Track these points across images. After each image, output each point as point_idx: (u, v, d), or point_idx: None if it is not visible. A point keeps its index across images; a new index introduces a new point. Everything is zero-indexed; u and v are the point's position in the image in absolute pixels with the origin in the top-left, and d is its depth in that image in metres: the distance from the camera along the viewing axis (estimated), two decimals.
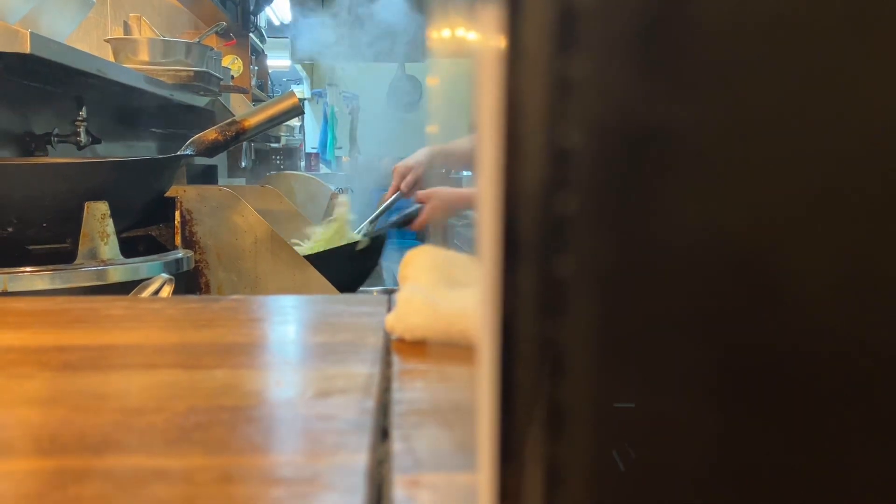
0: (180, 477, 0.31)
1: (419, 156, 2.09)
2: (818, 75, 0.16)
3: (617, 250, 0.16)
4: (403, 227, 2.07)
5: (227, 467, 0.33)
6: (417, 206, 2.04)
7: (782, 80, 0.16)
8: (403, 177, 2.04)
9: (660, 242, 0.17)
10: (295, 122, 4.58)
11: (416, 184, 2.04)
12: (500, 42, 0.17)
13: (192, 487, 0.30)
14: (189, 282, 1.53)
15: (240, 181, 3.36)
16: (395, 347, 0.52)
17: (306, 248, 1.91)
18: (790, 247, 0.17)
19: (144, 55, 2.13)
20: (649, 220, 0.16)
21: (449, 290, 0.55)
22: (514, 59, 0.17)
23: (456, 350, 0.51)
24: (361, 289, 1.96)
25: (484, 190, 0.17)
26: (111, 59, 2.09)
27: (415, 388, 0.44)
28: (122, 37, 2.33)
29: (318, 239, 1.96)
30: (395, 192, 2.05)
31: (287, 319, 0.68)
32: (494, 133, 0.16)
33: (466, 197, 2.04)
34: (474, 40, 0.21)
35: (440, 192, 2.03)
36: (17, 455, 0.34)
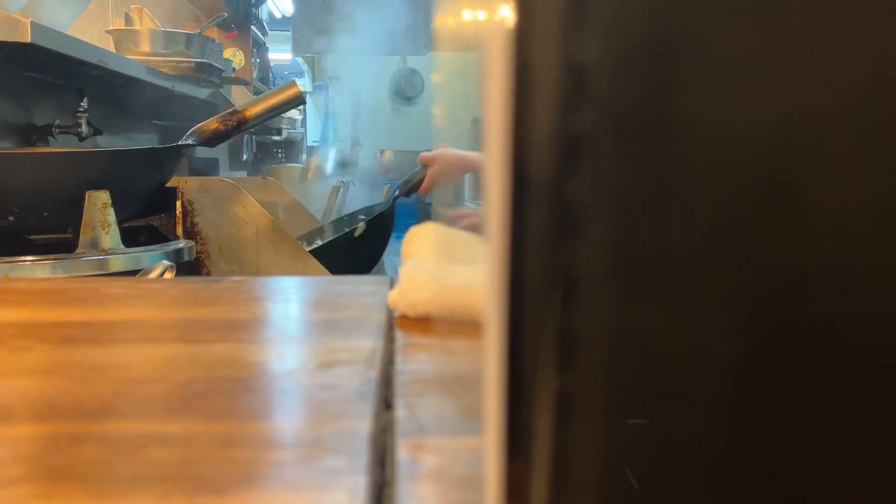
0: (179, 441, 0.31)
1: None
2: None
3: (635, 168, 0.16)
4: (411, 193, 2.02)
5: (228, 433, 0.32)
6: (421, 168, 1.98)
7: None
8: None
9: (679, 158, 0.16)
10: (296, 114, 4.57)
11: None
12: None
13: (191, 451, 0.30)
14: (190, 272, 1.52)
15: (241, 174, 3.36)
16: (399, 323, 0.52)
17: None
18: (814, 161, 0.16)
19: (146, 46, 2.12)
20: (667, 136, 0.16)
21: (452, 266, 0.55)
22: None
23: (459, 325, 0.50)
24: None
25: (493, 116, 0.17)
26: (113, 49, 2.08)
27: (418, 361, 0.44)
28: (124, 28, 2.33)
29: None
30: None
31: (290, 298, 0.67)
32: (504, 50, 0.16)
33: (472, 158, 1.98)
34: None
35: (444, 153, 1.95)
36: (15, 421, 0.34)
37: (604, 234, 0.16)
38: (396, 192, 1.99)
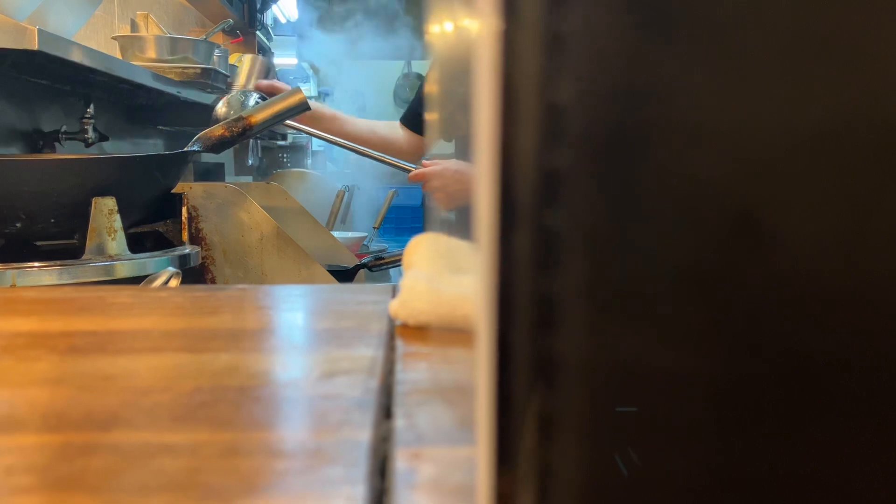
0: (186, 451, 0.32)
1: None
2: (805, 30, 0.17)
3: (609, 201, 0.17)
4: None
5: (233, 442, 0.33)
6: None
7: (770, 35, 0.17)
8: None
9: (650, 192, 0.17)
10: None
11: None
12: (495, 9, 0.18)
13: (197, 460, 0.31)
14: (195, 278, 1.53)
15: (247, 179, 3.37)
16: (399, 332, 0.53)
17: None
18: (780, 198, 0.17)
19: (151, 52, 2.13)
20: (640, 175, 0.17)
21: (452, 276, 0.56)
22: (509, 21, 0.17)
23: (459, 334, 0.51)
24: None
25: (481, 151, 0.18)
26: (118, 56, 2.10)
27: (418, 370, 0.45)
28: (130, 34, 2.34)
29: None
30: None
31: (293, 307, 0.68)
32: (491, 93, 0.17)
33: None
34: (473, 15, 0.21)
35: (443, 171, 1.86)
36: (25, 430, 0.35)
37: (580, 262, 0.17)
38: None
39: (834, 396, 0.18)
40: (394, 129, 2.29)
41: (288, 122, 2.05)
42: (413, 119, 2.26)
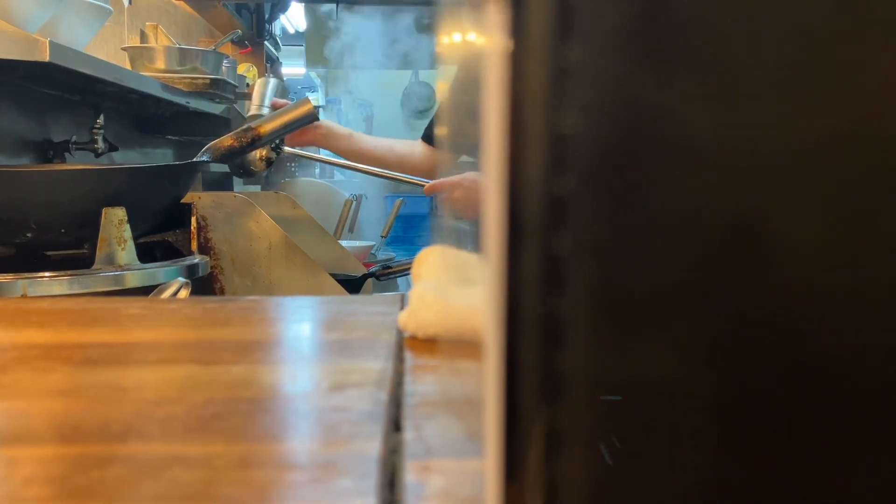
0: (200, 462, 0.32)
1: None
2: (803, 60, 0.17)
3: (612, 224, 0.17)
4: None
5: (246, 454, 0.34)
6: None
7: (768, 62, 0.17)
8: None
9: (652, 215, 0.18)
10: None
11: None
12: (504, 36, 0.18)
13: (211, 472, 0.32)
14: (204, 287, 1.54)
15: (255, 188, 3.38)
16: (408, 344, 0.53)
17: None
18: (775, 214, 0.18)
19: (161, 63, 2.15)
20: (642, 199, 0.17)
21: (461, 288, 0.56)
22: (517, 50, 0.18)
23: (467, 346, 0.52)
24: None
25: (490, 172, 0.18)
26: (128, 67, 2.11)
27: (426, 382, 0.45)
28: (139, 45, 2.36)
29: None
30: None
31: (302, 318, 0.69)
32: (499, 120, 0.17)
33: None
34: (481, 37, 0.22)
35: (463, 181, 1.80)
36: (42, 442, 0.35)
37: (586, 283, 0.18)
38: None
39: (839, 406, 0.19)
40: (413, 147, 2.27)
41: (299, 150, 2.07)
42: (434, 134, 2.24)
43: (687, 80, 0.17)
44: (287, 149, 2.05)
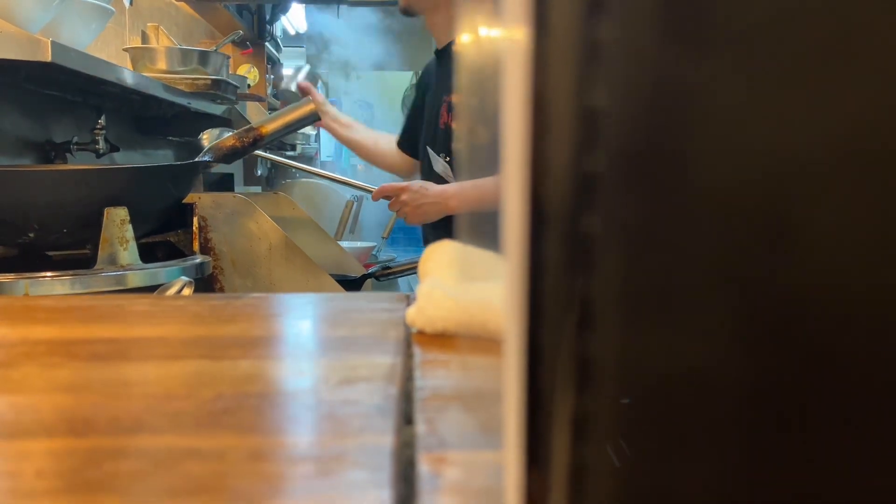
0: (213, 455, 0.32)
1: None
2: (839, 32, 0.17)
3: (644, 204, 0.17)
4: None
5: (258, 447, 0.33)
6: None
7: (804, 39, 0.17)
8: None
9: (684, 195, 0.17)
10: (310, 130, 4.60)
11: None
12: (533, 11, 0.18)
13: (224, 465, 0.31)
14: (205, 288, 1.54)
15: (256, 189, 3.39)
16: (416, 339, 0.53)
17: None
18: (807, 198, 0.18)
19: (162, 64, 2.15)
20: (674, 179, 0.17)
21: (469, 283, 0.56)
22: (541, 29, 0.18)
23: (475, 341, 0.51)
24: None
25: (510, 159, 0.18)
26: (130, 67, 2.11)
27: (437, 377, 0.45)
28: (141, 46, 2.36)
29: None
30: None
31: (309, 315, 0.69)
32: (522, 101, 0.17)
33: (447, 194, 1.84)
34: (501, 24, 0.21)
35: (410, 186, 1.87)
36: (53, 435, 0.35)
37: (616, 265, 0.18)
38: None
39: (868, 396, 0.18)
40: (390, 143, 2.29)
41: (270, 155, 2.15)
42: (407, 140, 2.24)
43: (720, 57, 0.17)
44: (260, 153, 2.12)
